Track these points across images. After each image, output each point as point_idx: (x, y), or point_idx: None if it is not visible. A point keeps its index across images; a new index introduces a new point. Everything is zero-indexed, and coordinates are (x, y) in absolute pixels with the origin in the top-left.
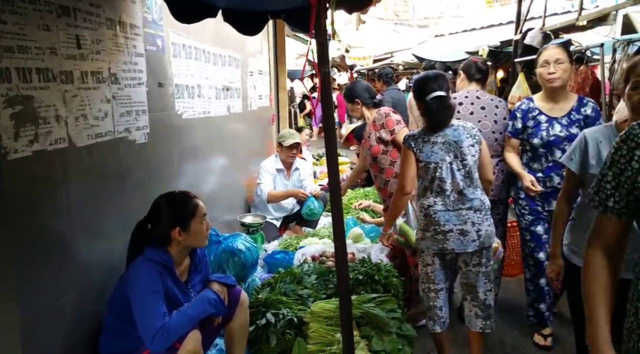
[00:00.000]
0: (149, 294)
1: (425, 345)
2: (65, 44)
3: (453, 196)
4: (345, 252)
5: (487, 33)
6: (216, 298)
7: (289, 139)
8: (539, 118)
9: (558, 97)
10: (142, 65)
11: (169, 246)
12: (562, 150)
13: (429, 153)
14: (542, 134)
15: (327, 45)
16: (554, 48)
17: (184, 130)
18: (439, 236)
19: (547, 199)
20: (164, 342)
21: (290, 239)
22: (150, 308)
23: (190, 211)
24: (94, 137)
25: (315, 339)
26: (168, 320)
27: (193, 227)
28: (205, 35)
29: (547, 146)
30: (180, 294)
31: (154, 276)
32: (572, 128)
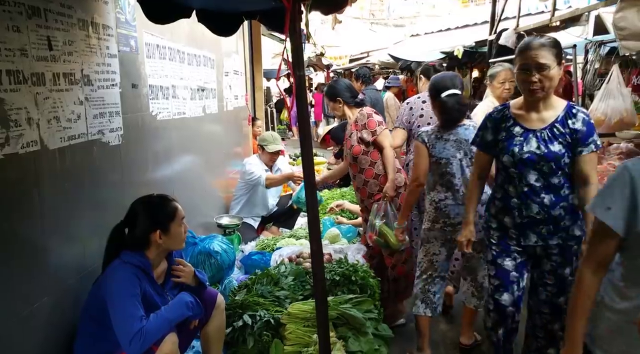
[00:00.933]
0: (127, 297)
1: (403, 344)
2: (36, 46)
3: (462, 190)
4: (322, 254)
5: (462, 33)
6: (193, 301)
7: (272, 144)
8: (512, 129)
9: (540, 105)
10: (115, 67)
11: (146, 250)
12: (538, 172)
13: (441, 150)
14: (514, 150)
15: (302, 48)
16: (538, 48)
17: (158, 131)
18: (448, 227)
19: (524, 232)
20: (142, 345)
21: (267, 240)
22: (128, 311)
23: (170, 213)
24: (67, 139)
25: (293, 341)
26: (145, 323)
27: (173, 230)
28: (180, 36)
29: (518, 166)
30: (157, 298)
31: (132, 279)
32: (553, 144)
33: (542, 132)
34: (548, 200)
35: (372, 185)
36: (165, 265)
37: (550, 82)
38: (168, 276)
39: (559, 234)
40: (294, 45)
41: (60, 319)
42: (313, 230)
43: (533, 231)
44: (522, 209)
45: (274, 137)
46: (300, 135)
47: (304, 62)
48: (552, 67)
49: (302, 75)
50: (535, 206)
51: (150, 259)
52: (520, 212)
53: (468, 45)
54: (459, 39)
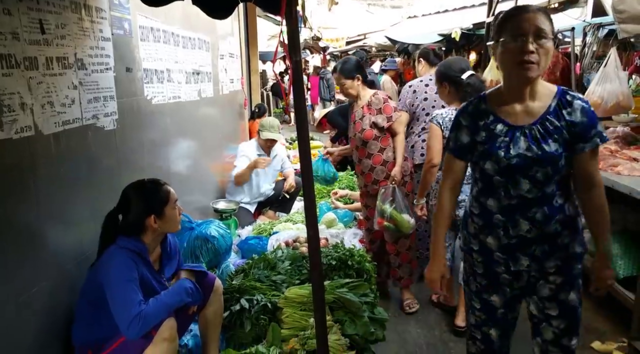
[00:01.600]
0: (125, 282)
1: (418, 330)
2: (28, 29)
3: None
4: (318, 240)
5: (460, 15)
6: (192, 287)
7: (266, 132)
8: (494, 128)
9: (526, 93)
10: (109, 50)
11: (142, 235)
12: (531, 179)
13: None
14: (499, 154)
15: (298, 33)
16: (536, 12)
17: (153, 115)
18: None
19: (513, 255)
20: (140, 329)
21: (264, 224)
22: (126, 295)
23: (163, 197)
24: (61, 124)
25: (289, 324)
26: (144, 308)
27: (167, 213)
28: (174, 18)
29: (506, 173)
30: (154, 282)
31: (129, 264)
32: (547, 143)
33: (531, 129)
34: (541, 214)
35: (379, 172)
36: (159, 251)
37: (546, 58)
38: (163, 260)
39: (556, 254)
40: (290, 29)
41: (57, 304)
42: (309, 215)
43: (524, 253)
44: (509, 228)
45: (271, 125)
46: (297, 121)
47: (300, 46)
48: (549, 39)
49: (298, 60)
50: (525, 222)
51: (147, 244)
52: (507, 231)
53: (465, 28)
54: (456, 21)
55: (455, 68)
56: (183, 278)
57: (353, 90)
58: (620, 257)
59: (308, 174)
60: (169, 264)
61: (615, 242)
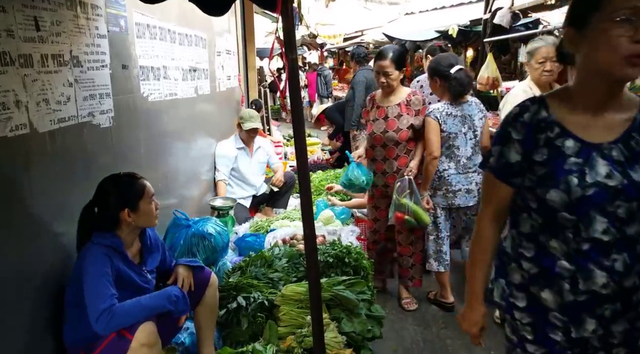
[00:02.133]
0: (96, 276)
1: (415, 327)
2: (23, 26)
3: (463, 161)
4: (315, 239)
5: (457, 11)
6: (178, 295)
7: (248, 122)
8: (560, 144)
9: (609, 100)
10: (105, 47)
11: (117, 229)
12: (609, 217)
13: (451, 125)
14: (571, 181)
15: (294, 30)
16: None
17: (150, 113)
18: (450, 194)
19: (578, 317)
20: (107, 324)
21: (261, 221)
22: (97, 289)
23: (138, 191)
24: (57, 122)
25: (286, 322)
26: (116, 303)
27: (142, 207)
28: (170, 15)
29: (579, 208)
30: (134, 276)
31: (102, 259)
32: (633, 169)
33: (612, 148)
34: (621, 263)
35: (404, 173)
36: (139, 245)
37: None
38: (144, 254)
39: (627, 315)
40: (286, 26)
41: (49, 303)
42: (306, 214)
43: (592, 315)
44: (579, 280)
45: (250, 115)
46: (293, 118)
47: (296, 44)
48: None
49: (294, 58)
50: (602, 273)
51: (122, 238)
52: (575, 285)
53: (463, 24)
54: (453, 18)
55: (444, 63)
56: (172, 286)
57: (396, 82)
58: None
59: (304, 172)
60: (150, 257)
61: None
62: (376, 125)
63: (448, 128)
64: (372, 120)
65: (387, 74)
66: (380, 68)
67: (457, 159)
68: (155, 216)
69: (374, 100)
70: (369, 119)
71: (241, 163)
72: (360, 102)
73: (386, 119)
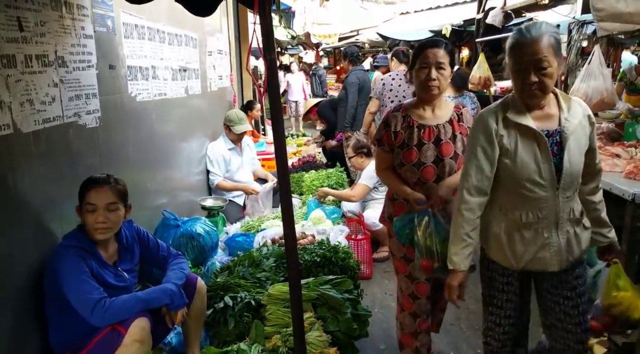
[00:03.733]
0: (78, 275)
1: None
2: (5, 27)
3: None
4: (295, 239)
5: (451, 11)
6: (175, 291)
7: (238, 125)
8: None
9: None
10: (91, 47)
11: (85, 228)
12: None
13: None
14: None
15: (272, 31)
16: None
17: (138, 113)
18: None
19: None
20: (104, 314)
21: (252, 221)
22: (83, 287)
23: (82, 193)
24: (42, 122)
25: (273, 321)
26: (106, 296)
27: (83, 211)
28: (160, 15)
29: None
30: (109, 276)
31: (77, 260)
32: None
33: None
34: None
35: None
36: (116, 244)
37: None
38: (121, 252)
39: None
40: (264, 27)
41: (33, 304)
42: (286, 216)
43: None
44: None
45: (240, 118)
46: (272, 119)
47: (274, 45)
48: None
49: (273, 58)
50: None
51: (92, 238)
52: None
53: (456, 24)
54: (448, 17)
55: None
56: (169, 282)
57: (445, 85)
58: None
59: (284, 169)
60: (127, 256)
61: None
62: (423, 152)
63: None
64: (412, 145)
65: (441, 68)
66: (432, 58)
67: None
68: (94, 228)
69: (409, 116)
70: (395, 144)
71: (233, 163)
72: (353, 104)
73: (438, 143)
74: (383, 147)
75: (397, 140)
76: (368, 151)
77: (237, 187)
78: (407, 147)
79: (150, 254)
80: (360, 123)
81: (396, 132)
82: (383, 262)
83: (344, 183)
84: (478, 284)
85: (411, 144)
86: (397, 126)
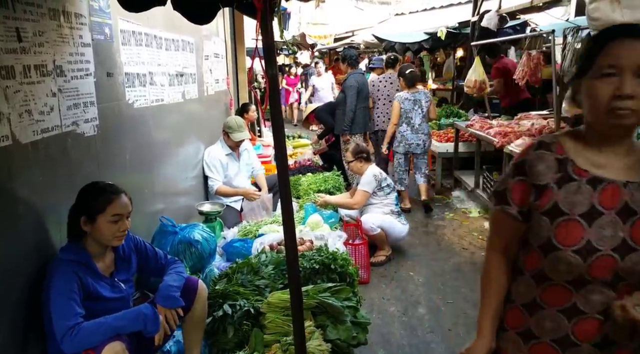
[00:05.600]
0: (61, 296)
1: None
2: (4, 38)
3: (414, 126)
4: (296, 250)
5: (446, 12)
6: (148, 314)
7: (237, 132)
8: None
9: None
10: (89, 56)
11: (84, 240)
12: None
13: (407, 103)
14: None
15: (274, 46)
16: None
17: (136, 119)
18: (407, 145)
19: None
20: (73, 343)
21: (249, 226)
22: (62, 309)
23: (100, 204)
24: (40, 132)
25: (272, 330)
26: (81, 322)
27: (99, 222)
28: (156, 20)
29: None
30: (106, 288)
31: (68, 278)
32: None
33: None
34: None
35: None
36: (112, 255)
37: None
38: (118, 263)
39: None
40: (265, 42)
41: (33, 316)
42: (287, 226)
43: None
44: None
45: (239, 125)
46: (274, 134)
47: (276, 60)
48: None
49: (274, 73)
50: None
51: (89, 251)
52: None
53: (451, 26)
54: (443, 19)
55: (403, 69)
56: (144, 304)
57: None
58: None
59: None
60: (123, 266)
61: None
62: (597, 229)
63: (404, 106)
64: (575, 214)
65: None
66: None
67: (411, 124)
68: (115, 237)
69: (571, 161)
70: (537, 208)
71: (230, 168)
72: (352, 107)
73: (629, 217)
74: (507, 207)
75: (541, 201)
76: (367, 156)
77: (238, 192)
78: (565, 216)
79: (148, 264)
80: (359, 127)
81: (542, 185)
82: (380, 267)
83: (341, 187)
84: (475, 287)
85: (574, 211)
86: (544, 174)
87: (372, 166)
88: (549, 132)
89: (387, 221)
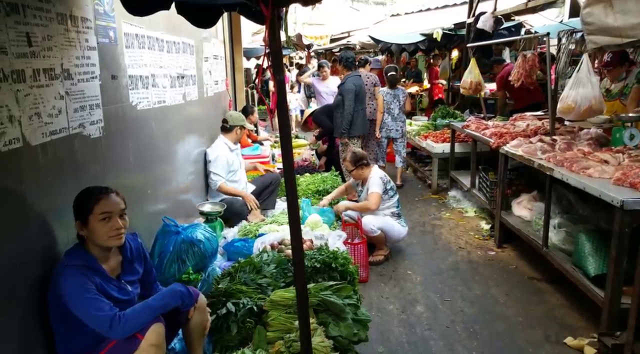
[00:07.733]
0: (85, 294)
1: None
2: (16, 43)
3: (393, 115)
4: (302, 250)
5: (442, 14)
6: (184, 291)
7: (245, 123)
8: None
9: None
10: (94, 59)
11: (85, 244)
12: None
13: (388, 97)
14: None
15: (281, 54)
16: None
17: (139, 121)
18: (387, 131)
19: None
20: (123, 328)
21: (249, 226)
22: (93, 305)
23: (86, 205)
24: (49, 134)
25: (275, 327)
26: (119, 310)
27: (91, 223)
28: (158, 23)
29: None
30: (113, 290)
31: (80, 279)
32: None
33: None
34: None
35: None
36: (120, 257)
37: None
38: (125, 265)
39: None
40: (273, 51)
41: (40, 315)
42: (294, 231)
43: None
44: None
45: (242, 117)
46: (282, 140)
47: (283, 66)
48: None
49: (281, 79)
50: None
51: (93, 254)
52: None
53: (447, 28)
54: (438, 20)
55: (386, 70)
56: (175, 283)
57: None
58: (592, 255)
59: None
60: (130, 268)
61: (586, 241)
62: None
63: (387, 99)
64: None
65: None
66: None
67: (392, 114)
68: (110, 236)
69: None
70: None
71: (235, 163)
72: (350, 110)
73: None
74: None
75: None
76: (367, 161)
77: (238, 193)
78: None
79: (144, 276)
80: (357, 129)
81: None
82: (379, 266)
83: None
84: (473, 286)
85: None
86: None
87: (375, 169)
88: (544, 133)
89: (388, 223)
